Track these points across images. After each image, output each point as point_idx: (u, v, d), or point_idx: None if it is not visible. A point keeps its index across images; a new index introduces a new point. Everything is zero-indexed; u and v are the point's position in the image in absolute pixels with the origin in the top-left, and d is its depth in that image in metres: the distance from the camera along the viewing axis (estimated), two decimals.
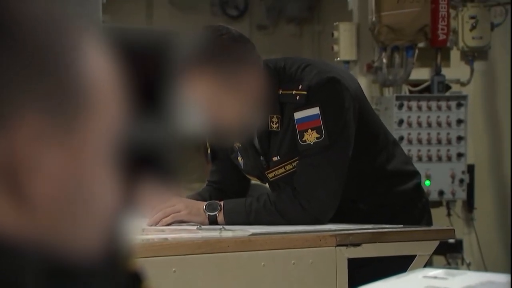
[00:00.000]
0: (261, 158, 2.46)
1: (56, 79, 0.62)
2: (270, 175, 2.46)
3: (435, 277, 1.03)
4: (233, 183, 2.62)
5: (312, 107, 2.33)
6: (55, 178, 0.62)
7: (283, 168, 2.43)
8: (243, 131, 2.39)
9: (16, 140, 0.61)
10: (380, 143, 2.48)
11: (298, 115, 2.35)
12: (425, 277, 1.04)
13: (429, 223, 2.57)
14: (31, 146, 0.61)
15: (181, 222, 2.40)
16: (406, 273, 1.09)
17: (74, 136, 0.63)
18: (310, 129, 2.33)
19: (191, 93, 2.27)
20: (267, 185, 2.57)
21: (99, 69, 0.65)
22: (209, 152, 2.61)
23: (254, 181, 2.72)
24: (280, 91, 2.37)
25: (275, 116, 2.39)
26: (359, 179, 2.45)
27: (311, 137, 2.33)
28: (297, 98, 2.34)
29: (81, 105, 0.63)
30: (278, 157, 2.42)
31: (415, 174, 2.56)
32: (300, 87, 2.34)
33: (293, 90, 2.36)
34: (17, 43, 0.62)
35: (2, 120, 0.61)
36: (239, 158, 2.54)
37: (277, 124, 2.39)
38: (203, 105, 2.30)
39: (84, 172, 0.64)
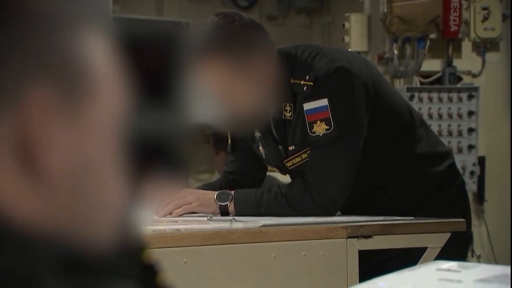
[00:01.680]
0: (280, 147, 2.45)
1: (62, 61, 0.63)
2: (288, 164, 2.46)
3: (449, 270, 1.03)
4: (250, 175, 2.61)
5: (320, 98, 2.31)
6: (66, 153, 0.63)
7: (299, 157, 2.42)
8: (257, 118, 2.38)
9: (28, 115, 0.62)
10: (404, 124, 2.42)
11: (307, 106, 2.33)
12: (438, 269, 1.03)
13: (464, 208, 2.49)
14: (43, 122, 0.62)
15: (192, 213, 2.40)
16: (418, 265, 1.08)
17: (80, 116, 0.64)
18: (319, 120, 2.32)
19: (203, 79, 2.26)
20: (273, 174, 2.55)
21: (103, 57, 0.66)
22: (229, 142, 2.61)
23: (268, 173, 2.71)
24: (292, 80, 2.36)
25: (288, 104, 2.37)
26: (383, 164, 2.41)
27: (320, 128, 2.32)
28: (305, 88, 2.33)
29: (85, 88, 0.64)
30: (293, 146, 2.42)
31: (447, 155, 2.50)
32: (307, 77, 2.33)
33: (301, 80, 2.34)
34: (26, 27, 0.62)
35: (14, 97, 0.61)
36: (260, 148, 2.53)
37: (290, 113, 2.38)
38: (215, 92, 2.29)
39: (93, 155, 0.64)
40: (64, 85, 0.63)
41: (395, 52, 4.79)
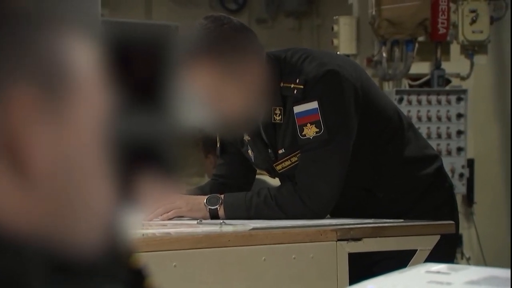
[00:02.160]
0: (269, 150, 2.45)
1: (45, 61, 0.63)
2: (278, 168, 2.46)
3: (438, 272, 1.03)
4: (239, 178, 2.61)
5: (310, 101, 2.31)
6: (50, 151, 0.63)
7: (289, 160, 2.42)
8: (247, 121, 2.38)
9: (11, 113, 0.62)
10: (392, 127, 2.43)
11: (297, 109, 2.33)
12: (427, 272, 1.04)
13: (452, 209, 2.51)
14: (26, 119, 0.62)
15: (181, 217, 2.39)
16: (408, 268, 1.08)
17: (62, 116, 0.64)
18: (309, 123, 2.32)
19: (192, 83, 2.25)
20: (262, 177, 2.55)
21: (86, 58, 0.66)
22: (218, 145, 2.60)
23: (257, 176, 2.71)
24: (282, 84, 2.36)
25: (278, 108, 2.38)
26: (372, 167, 2.42)
27: (310, 131, 2.32)
28: (295, 92, 2.33)
29: (67, 88, 0.64)
30: (283, 149, 2.42)
31: (435, 158, 2.51)
32: (297, 80, 2.33)
33: (291, 84, 2.34)
34: (9, 26, 0.63)
35: None
36: (249, 151, 2.53)
37: (280, 116, 2.38)
38: (205, 95, 2.29)
39: (76, 155, 0.64)
40: (47, 86, 0.63)
41: (384, 55, 4.80)
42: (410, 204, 2.45)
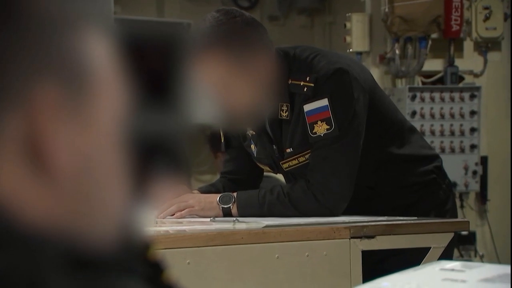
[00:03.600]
0: (274, 146, 2.45)
1: (66, 61, 0.64)
2: (285, 166, 2.46)
3: (452, 270, 1.02)
4: (247, 172, 2.61)
5: (321, 98, 2.32)
6: (73, 151, 0.63)
7: (296, 159, 2.42)
8: (254, 115, 2.38)
9: (35, 113, 0.62)
10: (393, 130, 2.47)
11: (307, 107, 2.34)
12: (442, 269, 1.03)
13: (454, 206, 2.56)
14: (49, 119, 0.63)
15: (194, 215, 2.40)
16: (422, 265, 1.08)
17: (84, 114, 0.65)
18: (319, 120, 2.33)
19: (201, 74, 2.26)
20: (275, 175, 2.55)
21: (105, 57, 0.67)
22: (222, 140, 2.60)
23: (266, 173, 2.71)
24: (290, 81, 2.36)
25: (284, 104, 2.38)
26: (373, 165, 2.44)
27: (321, 128, 2.33)
28: (305, 89, 2.34)
29: (89, 87, 0.65)
30: (291, 149, 2.42)
31: (435, 157, 2.55)
32: (307, 78, 2.34)
33: (301, 81, 2.35)
34: (31, 28, 0.63)
35: (20, 97, 0.62)
36: (252, 146, 2.53)
37: (287, 113, 2.38)
38: (213, 86, 2.29)
39: (97, 153, 0.65)
40: (68, 85, 0.64)
41: (397, 52, 4.79)
42: (412, 200, 2.47)
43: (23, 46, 0.62)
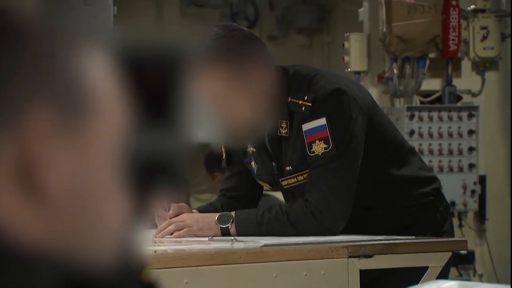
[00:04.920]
0: (273, 164, 2.45)
1: (63, 82, 0.64)
2: (284, 183, 2.46)
3: None
4: (247, 189, 2.60)
5: (319, 118, 2.33)
6: (67, 175, 0.63)
7: (295, 178, 2.43)
8: (253, 131, 2.38)
9: (28, 137, 0.62)
10: (392, 151, 2.47)
11: (305, 126, 2.35)
12: None
13: (451, 228, 2.56)
14: (43, 143, 0.62)
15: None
16: (419, 284, 1.08)
17: (80, 137, 0.64)
18: (317, 139, 2.33)
19: (200, 86, 2.27)
20: (274, 194, 2.55)
21: (103, 76, 0.66)
22: (224, 156, 2.60)
23: (264, 192, 2.71)
24: (289, 99, 2.37)
25: (284, 121, 2.39)
26: (371, 186, 2.44)
27: (319, 147, 2.33)
28: (303, 108, 2.34)
29: (86, 108, 0.65)
30: (290, 167, 2.42)
31: (433, 179, 2.55)
32: (306, 97, 2.35)
33: (300, 100, 2.36)
34: (27, 48, 0.63)
35: (14, 117, 0.62)
36: (252, 162, 2.53)
37: (286, 130, 2.39)
38: (212, 99, 2.30)
39: (94, 174, 0.64)
40: (64, 106, 0.63)
41: (395, 71, 4.80)
42: (409, 222, 2.46)
43: (18, 67, 0.62)
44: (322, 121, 2.33)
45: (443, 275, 2.27)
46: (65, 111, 0.63)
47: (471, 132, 4.79)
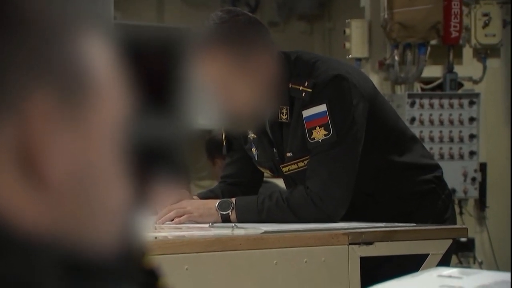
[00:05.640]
0: (274, 150, 2.45)
1: (63, 67, 0.64)
2: (285, 169, 2.46)
3: (450, 276, 1.03)
4: (248, 175, 2.60)
5: (319, 104, 2.33)
6: (68, 160, 0.63)
7: (296, 164, 2.43)
8: (254, 116, 2.38)
9: (29, 122, 0.62)
10: (394, 138, 2.47)
11: (306, 113, 2.34)
12: (439, 276, 1.03)
13: (453, 215, 2.56)
14: (44, 128, 0.62)
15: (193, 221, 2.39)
16: (420, 272, 1.08)
17: (81, 122, 0.64)
18: (318, 126, 2.33)
19: (202, 70, 2.27)
20: (274, 181, 2.55)
21: (104, 62, 0.66)
22: (224, 143, 2.60)
23: (265, 178, 2.71)
24: (290, 85, 2.37)
25: (284, 107, 2.38)
26: (372, 173, 2.44)
27: (319, 134, 2.33)
28: (303, 94, 2.34)
29: (86, 93, 0.65)
30: (291, 153, 2.42)
31: (435, 167, 2.54)
32: (306, 84, 2.34)
33: (300, 86, 2.35)
34: (27, 34, 0.63)
35: (15, 104, 0.62)
36: (253, 149, 2.53)
37: (286, 116, 2.38)
38: (214, 82, 2.30)
39: (95, 160, 0.64)
40: (65, 91, 0.63)
41: (396, 58, 4.79)
42: (410, 209, 2.46)
43: (19, 53, 0.62)
44: (323, 107, 2.32)
45: (445, 262, 2.28)
46: (66, 96, 0.63)
47: (472, 120, 4.79)
